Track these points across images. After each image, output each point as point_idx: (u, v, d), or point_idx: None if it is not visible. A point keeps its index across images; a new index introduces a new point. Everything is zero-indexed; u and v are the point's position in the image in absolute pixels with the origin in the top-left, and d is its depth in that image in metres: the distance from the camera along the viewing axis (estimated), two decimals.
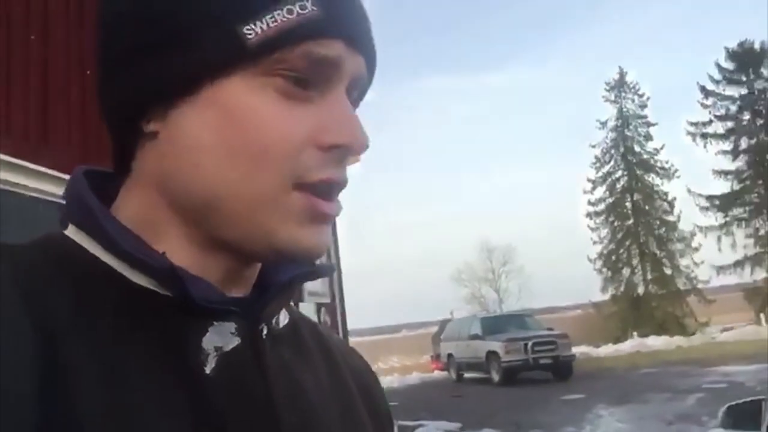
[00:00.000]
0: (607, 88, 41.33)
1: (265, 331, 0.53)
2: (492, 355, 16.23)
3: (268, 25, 0.47)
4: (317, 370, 0.60)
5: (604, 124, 40.79)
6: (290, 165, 0.48)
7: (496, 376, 16.12)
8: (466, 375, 18.53)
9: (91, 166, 0.57)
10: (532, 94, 78.69)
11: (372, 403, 0.66)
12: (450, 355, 19.14)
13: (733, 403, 3.12)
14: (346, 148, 0.50)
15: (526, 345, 15.64)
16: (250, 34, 0.47)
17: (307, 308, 9.89)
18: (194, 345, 0.49)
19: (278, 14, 0.47)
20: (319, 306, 10.53)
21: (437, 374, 20.91)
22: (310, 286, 10.02)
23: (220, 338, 0.50)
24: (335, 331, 11.22)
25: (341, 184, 0.51)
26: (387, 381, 20.42)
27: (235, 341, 0.50)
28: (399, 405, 14.04)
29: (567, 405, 11.90)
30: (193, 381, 0.48)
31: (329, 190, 0.50)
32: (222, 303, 0.50)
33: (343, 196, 0.54)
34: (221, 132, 0.48)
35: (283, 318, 0.58)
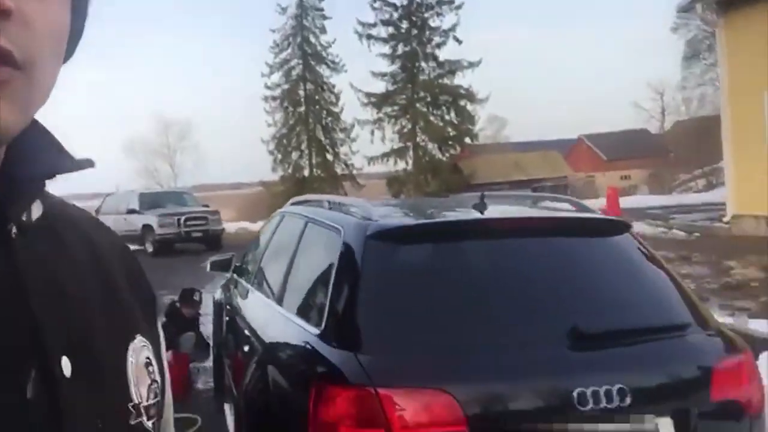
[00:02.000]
0: None
1: (14, 230, 0.52)
2: (147, 228, 17.21)
3: None
4: (76, 259, 0.59)
5: (284, 10, 42.08)
6: None
7: (150, 248, 17.27)
8: None
9: None
10: None
11: (133, 281, 0.67)
12: None
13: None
14: None
15: (179, 220, 16.99)
16: None
17: None
18: None
19: None
20: None
21: None
22: None
23: None
24: None
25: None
26: None
27: None
28: None
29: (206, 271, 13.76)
30: None
31: None
32: None
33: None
34: None
35: (36, 210, 0.56)
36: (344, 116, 42.40)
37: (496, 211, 2.59)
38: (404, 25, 41.64)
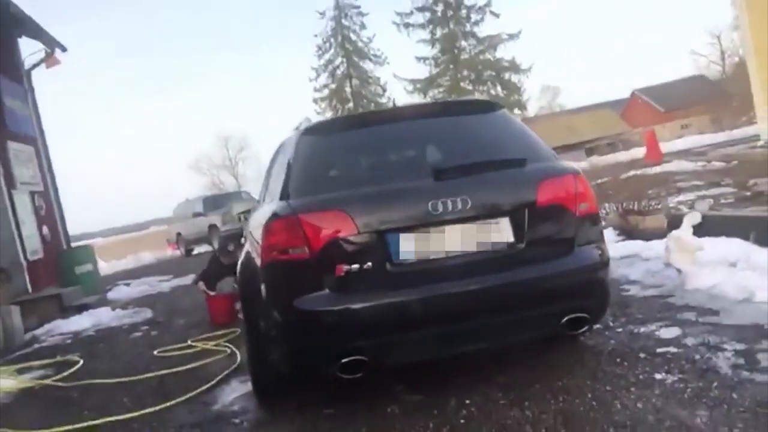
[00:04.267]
0: None
1: None
2: (213, 227, 18.78)
3: None
4: None
5: (323, 14, 43.65)
6: None
7: (216, 245, 18.83)
8: (195, 250, 20.96)
9: None
10: None
11: None
12: (179, 234, 21.29)
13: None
14: None
15: (239, 216, 18.46)
16: None
17: (20, 195, 11.19)
18: None
19: None
20: (32, 194, 11.86)
21: (171, 253, 22.98)
22: (19, 174, 11.29)
23: None
24: (52, 217, 12.49)
25: None
26: (123, 263, 21.94)
27: None
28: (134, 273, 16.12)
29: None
30: None
31: None
32: None
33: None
34: None
35: None
36: (392, 105, 43.39)
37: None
38: (440, 8, 42.27)
